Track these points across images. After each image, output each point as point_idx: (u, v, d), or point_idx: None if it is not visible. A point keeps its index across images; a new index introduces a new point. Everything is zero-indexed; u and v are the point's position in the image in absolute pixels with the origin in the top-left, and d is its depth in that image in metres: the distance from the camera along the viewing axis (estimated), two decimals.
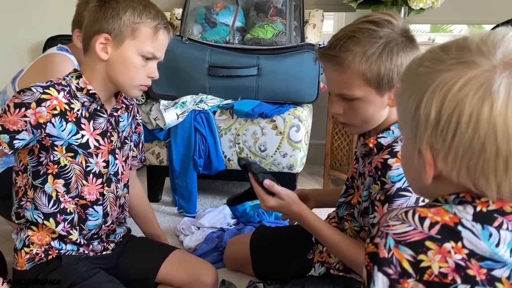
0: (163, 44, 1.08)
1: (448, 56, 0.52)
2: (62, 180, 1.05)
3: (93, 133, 1.07)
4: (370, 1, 2.04)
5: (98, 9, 1.03)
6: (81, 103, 1.04)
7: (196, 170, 1.82)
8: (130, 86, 1.06)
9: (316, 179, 2.34)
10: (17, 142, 0.97)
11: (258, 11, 2.13)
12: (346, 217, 1.09)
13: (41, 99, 0.97)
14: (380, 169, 0.91)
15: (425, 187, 0.58)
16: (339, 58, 0.90)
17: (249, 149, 1.80)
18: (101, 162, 1.09)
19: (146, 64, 1.05)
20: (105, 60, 1.03)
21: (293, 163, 1.81)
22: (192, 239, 1.61)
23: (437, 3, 2.00)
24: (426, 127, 0.53)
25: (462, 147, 0.50)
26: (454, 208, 0.53)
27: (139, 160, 1.30)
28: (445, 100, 0.50)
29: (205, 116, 1.78)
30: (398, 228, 0.52)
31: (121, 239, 1.22)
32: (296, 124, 1.77)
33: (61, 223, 1.06)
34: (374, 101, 0.92)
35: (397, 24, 0.90)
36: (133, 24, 1.02)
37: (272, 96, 1.81)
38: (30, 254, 1.06)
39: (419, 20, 2.36)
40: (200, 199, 2.03)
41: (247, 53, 1.81)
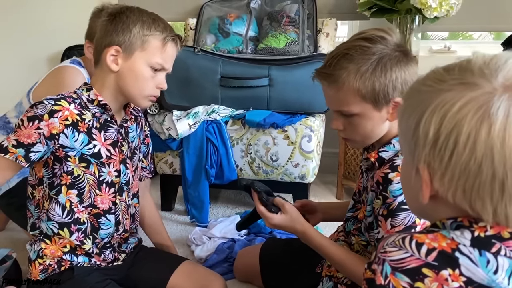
0: (171, 56, 1.11)
1: (450, 76, 0.52)
2: (76, 190, 1.07)
3: (104, 143, 1.09)
4: (384, 10, 2.03)
5: (109, 22, 1.06)
6: (92, 114, 1.07)
7: (208, 180, 1.83)
8: (140, 96, 1.09)
9: (329, 189, 2.32)
10: (33, 154, 0.99)
11: (271, 20, 2.13)
12: (353, 231, 1.08)
13: (53, 111, 1.00)
14: (381, 184, 0.91)
15: (423, 207, 0.58)
16: (334, 76, 0.91)
17: (261, 159, 1.80)
18: (113, 171, 1.12)
19: (155, 75, 1.09)
20: (115, 71, 1.06)
21: (305, 173, 1.80)
22: (203, 249, 1.61)
23: (452, 11, 1.97)
24: (424, 146, 0.53)
25: (458, 167, 0.50)
26: (451, 233, 0.52)
27: (149, 171, 1.32)
28: (444, 120, 0.50)
29: (217, 126, 1.79)
30: (395, 255, 0.52)
31: (132, 249, 1.24)
32: (308, 134, 1.76)
33: (75, 233, 1.09)
34: (372, 117, 0.92)
35: (390, 40, 0.91)
36: (143, 36, 1.05)
37: (283, 106, 1.81)
38: (43, 265, 1.09)
39: (436, 28, 2.33)
40: (212, 208, 2.04)
41: (259, 64, 1.82)
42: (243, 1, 2.27)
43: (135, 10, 1.07)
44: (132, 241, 1.24)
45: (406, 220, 0.88)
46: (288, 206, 1.04)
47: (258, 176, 1.84)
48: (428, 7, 1.86)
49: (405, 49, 0.92)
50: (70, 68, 1.50)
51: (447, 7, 1.89)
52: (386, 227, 0.90)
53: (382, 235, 0.91)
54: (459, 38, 3.75)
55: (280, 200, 1.06)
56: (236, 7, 2.26)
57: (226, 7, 2.27)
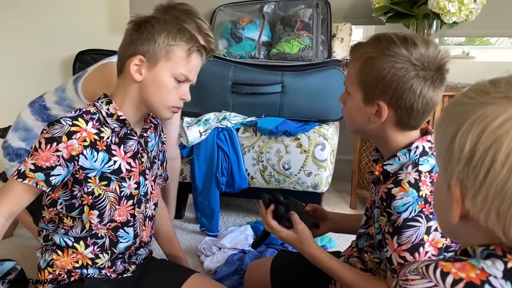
0: (195, 67, 1.08)
1: (495, 89, 0.49)
2: (97, 211, 1.04)
3: (125, 157, 1.06)
4: (400, 15, 1.97)
5: (134, 32, 1.04)
6: (111, 129, 1.04)
7: (219, 188, 1.80)
8: (163, 107, 1.06)
9: (343, 197, 2.27)
10: (54, 178, 0.95)
11: (284, 25, 2.10)
12: (366, 248, 1.03)
13: (71, 132, 0.96)
14: (384, 200, 0.87)
15: (453, 228, 0.54)
16: (354, 50, 0.93)
17: (273, 167, 1.76)
18: (132, 184, 1.09)
19: (179, 86, 1.06)
20: (139, 81, 1.03)
21: (318, 182, 1.75)
22: (212, 260, 1.57)
23: (471, 16, 1.91)
24: (458, 161, 0.49)
25: (494, 188, 0.46)
26: (481, 263, 0.48)
27: (163, 179, 1.29)
28: (482, 135, 0.47)
29: (228, 134, 1.75)
30: (418, 284, 0.48)
31: (142, 261, 1.21)
32: (321, 143, 1.72)
33: (90, 246, 1.06)
34: (358, 106, 0.92)
35: (420, 52, 0.84)
36: (168, 46, 1.02)
37: (296, 114, 1.76)
38: (53, 274, 1.07)
39: (454, 33, 2.27)
40: (223, 217, 2.01)
41: (271, 70, 1.78)
42: (256, 5, 2.24)
43: (160, 19, 1.05)
44: (143, 252, 1.21)
45: (413, 238, 0.84)
46: (301, 227, 1.02)
47: (270, 184, 1.79)
48: (446, 12, 1.80)
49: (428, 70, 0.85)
50: None
51: (466, 12, 1.83)
52: (393, 245, 0.86)
53: (390, 254, 0.87)
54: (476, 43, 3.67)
55: (296, 219, 1.03)
56: (249, 11, 2.23)
57: (238, 12, 2.24)
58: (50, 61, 2.81)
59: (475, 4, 1.89)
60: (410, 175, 0.86)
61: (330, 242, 1.74)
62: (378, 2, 2.02)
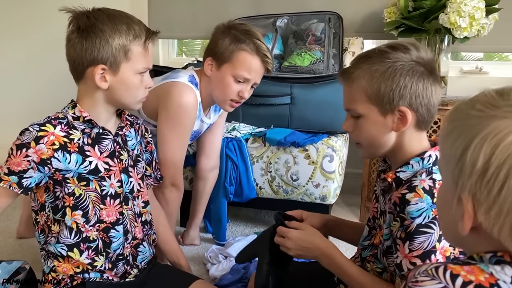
0: (152, 54, 1.11)
1: (505, 102, 0.49)
2: (80, 211, 1.07)
3: (101, 157, 1.09)
4: (412, 29, 1.99)
5: (83, 39, 1.02)
6: (81, 131, 1.06)
7: (227, 198, 1.81)
8: (134, 103, 1.11)
9: (352, 210, 2.26)
10: (25, 180, 1.00)
11: (296, 38, 2.13)
12: (369, 258, 1.03)
13: (38, 137, 1.00)
14: (398, 205, 0.87)
15: (460, 238, 0.54)
16: (348, 72, 0.93)
17: (281, 178, 1.78)
18: (115, 182, 1.11)
19: (142, 78, 1.09)
20: (105, 88, 1.05)
21: (326, 194, 1.76)
22: (218, 268, 1.59)
23: (483, 31, 1.91)
24: (470, 175, 0.49)
25: (508, 202, 0.47)
26: (490, 267, 0.48)
27: (154, 179, 1.30)
28: (496, 150, 0.47)
29: (237, 144, 1.78)
30: (427, 285, 0.49)
31: (146, 265, 1.22)
32: (329, 154, 1.73)
33: (85, 251, 1.08)
34: (376, 121, 0.91)
35: (414, 53, 0.89)
36: (124, 47, 1.03)
37: (305, 125, 1.78)
38: (56, 278, 1.09)
39: (467, 48, 2.26)
40: (231, 226, 2.02)
41: (281, 82, 1.81)
42: (270, 19, 2.28)
43: (104, 18, 1.03)
44: (145, 251, 1.20)
45: (425, 244, 0.84)
46: (306, 225, 1.03)
47: (278, 195, 1.81)
48: (457, 27, 1.81)
49: (428, 65, 0.89)
50: (187, 89, 1.46)
51: (477, 27, 1.83)
52: (404, 251, 0.86)
53: (401, 260, 0.86)
54: (494, 59, 3.63)
55: (295, 222, 1.04)
56: (263, 25, 2.27)
57: (252, 25, 2.28)
58: None
59: (487, 20, 1.89)
60: (425, 182, 0.86)
61: None
62: (389, 17, 2.04)
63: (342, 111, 1.84)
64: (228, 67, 1.46)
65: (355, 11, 2.28)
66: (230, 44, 1.44)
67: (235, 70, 1.45)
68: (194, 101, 1.47)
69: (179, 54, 3.06)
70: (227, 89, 1.47)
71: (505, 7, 1.93)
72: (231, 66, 1.45)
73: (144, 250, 1.21)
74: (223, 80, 1.46)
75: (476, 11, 1.79)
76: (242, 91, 1.48)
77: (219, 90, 1.49)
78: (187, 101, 1.45)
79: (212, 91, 1.51)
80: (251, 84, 1.49)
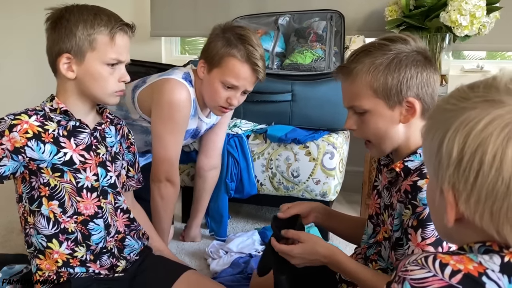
0: (124, 47, 1.08)
1: (475, 94, 0.51)
2: (56, 201, 1.07)
3: (76, 149, 1.08)
4: (413, 28, 2.00)
5: (52, 31, 1.04)
6: (56, 122, 1.06)
7: (228, 194, 1.83)
8: (105, 95, 1.09)
9: (354, 208, 2.27)
10: (0, 169, 1.02)
11: (298, 36, 2.13)
12: (373, 256, 1.03)
13: (12, 125, 1.01)
14: (410, 192, 0.87)
15: (448, 230, 0.55)
16: (349, 68, 0.92)
17: (282, 174, 1.79)
18: (91, 176, 1.10)
19: (114, 70, 1.07)
20: (72, 78, 1.05)
21: (326, 190, 1.77)
22: (219, 263, 1.60)
23: (484, 30, 1.92)
24: (448, 166, 0.51)
25: (485, 189, 0.48)
26: (479, 257, 0.49)
27: (137, 180, 1.29)
28: (467, 139, 0.49)
29: (239, 140, 1.79)
30: (417, 274, 0.49)
31: (137, 257, 1.20)
32: (330, 151, 1.74)
33: (64, 242, 1.07)
34: (384, 115, 0.91)
35: (413, 43, 0.90)
36: (88, 36, 1.02)
37: (306, 122, 1.79)
38: (43, 276, 1.08)
39: (469, 47, 2.27)
40: (232, 223, 2.03)
41: (282, 79, 1.82)
42: (272, 17, 2.29)
43: (74, 9, 1.04)
44: (135, 246, 1.19)
45: None
46: (304, 234, 1.00)
47: (279, 191, 1.82)
48: (458, 25, 1.82)
49: (426, 53, 0.91)
50: (179, 85, 1.45)
51: (478, 25, 1.84)
52: (417, 240, 0.85)
53: (413, 250, 0.85)
54: (497, 58, 3.63)
55: (293, 233, 1.01)
56: (265, 23, 2.28)
57: (254, 23, 2.29)
58: None
59: (488, 18, 1.90)
60: None
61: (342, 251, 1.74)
62: (391, 15, 2.05)
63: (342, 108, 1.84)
64: (218, 72, 1.42)
65: (356, 9, 2.29)
66: (221, 48, 1.40)
67: (224, 76, 1.41)
68: (186, 98, 1.45)
69: (181, 52, 3.07)
70: (215, 95, 1.44)
71: (506, 6, 1.94)
72: (220, 72, 1.42)
73: (130, 243, 1.19)
74: (212, 85, 1.44)
75: (477, 10, 1.80)
76: (231, 98, 1.44)
77: (208, 94, 1.48)
78: (178, 97, 1.43)
79: (203, 94, 1.50)
80: (240, 91, 1.45)
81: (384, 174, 1.02)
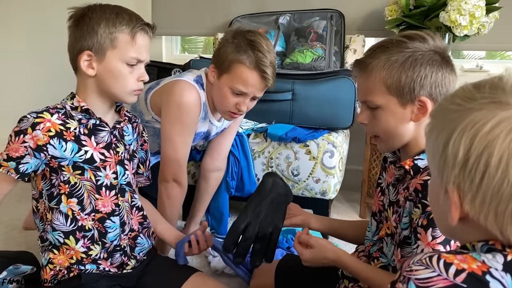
0: (144, 46, 1.10)
1: (481, 94, 0.51)
2: (75, 199, 1.08)
3: (97, 147, 1.10)
4: (413, 27, 2.00)
5: (75, 28, 1.06)
6: (77, 121, 1.08)
7: (228, 192, 1.84)
8: (124, 93, 1.10)
9: (353, 206, 2.28)
10: (22, 166, 1.03)
11: (298, 36, 2.15)
12: (375, 254, 1.04)
13: (35, 123, 1.02)
14: (420, 191, 0.87)
15: (452, 229, 0.56)
16: (365, 63, 0.92)
17: (282, 173, 1.80)
18: (110, 174, 1.12)
19: (133, 69, 1.09)
20: (93, 76, 1.07)
21: (326, 189, 1.78)
22: (219, 260, 1.61)
23: (484, 30, 1.93)
24: (453, 166, 0.51)
25: (491, 190, 0.49)
26: (482, 256, 0.50)
27: (146, 178, 1.31)
28: (474, 140, 0.49)
29: (239, 139, 1.80)
30: (421, 273, 0.50)
31: (145, 256, 1.23)
32: (330, 150, 1.75)
33: (80, 240, 1.09)
34: (395, 112, 0.91)
35: (431, 42, 0.89)
36: (110, 34, 1.04)
37: (306, 121, 1.80)
38: (54, 270, 1.10)
39: (468, 46, 2.28)
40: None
41: (282, 78, 1.82)
42: (272, 17, 2.30)
43: (97, 8, 1.06)
44: (145, 244, 1.22)
45: None
46: (314, 240, 1.03)
47: None
48: (458, 25, 1.83)
49: (444, 53, 0.90)
50: (189, 87, 1.46)
51: (477, 25, 1.85)
52: (427, 239, 0.85)
53: (422, 249, 0.85)
54: (497, 57, 3.64)
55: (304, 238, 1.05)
56: (265, 22, 2.30)
57: (254, 23, 2.31)
58: None
59: (487, 18, 1.91)
60: None
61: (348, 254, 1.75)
62: (391, 15, 2.06)
63: (342, 108, 1.85)
64: (227, 78, 1.42)
65: (356, 9, 2.30)
66: (230, 54, 1.39)
67: (232, 83, 1.41)
68: (196, 100, 1.46)
69: (182, 51, 3.08)
70: (224, 100, 1.44)
71: (505, 6, 1.95)
72: (229, 78, 1.41)
73: (142, 242, 1.21)
74: (221, 91, 1.44)
75: (476, 10, 1.81)
76: (239, 104, 1.44)
77: (217, 99, 1.48)
78: (187, 100, 1.44)
79: (213, 98, 1.50)
80: (249, 98, 1.45)
81: (390, 171, 1.02)
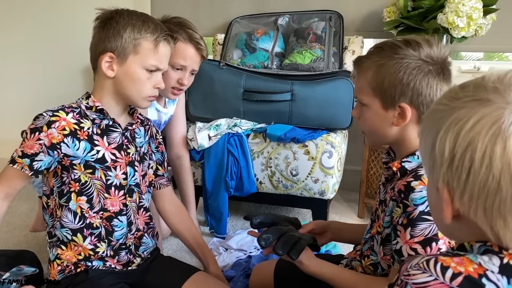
0: (165, 56, 1.14)
1: (464, 93, 0.52)
2: (85, 197, 1.11)
3: (109, 147, 1.12)
4: (411, 29, 2.02)
5: (100, 29, 1.10)
6: (91, 120, 1.10)
7: (228, 192, 1.85)
8: (139, 98, 1.13)
9: (351, 206, 2.30)
10: (36, 163, 1.05)
11: (297, 37, 2.16)
12: (366, 252, 1.05)
13: (51, 121, 1.05)
14: (403, 192, 0.89)
15: (448, 227, 0.57)
16: (360, 61, 0.96)
17: (281, 173, 1.81)
18: (120, 174, 1.14)
19: (151, 76, 1.12)
20: (112, 77, 1.09)
21: (324, 189, 1.80)
22: (219, 260, 1.62)
23: (481, 31, 1.94)
24: (441, 164, 0.52)
25: (477, 185, 0.49)
26: (479, 258, 0.50)
27: (166, 178, 1.33)
28: (458, 138, 0.50)
29: (239, 139, 1.81)
30: (419, 278, 0.50)
31: (149, 255, 1.26)
32: (328, 150, 1.76)
33: (88, 237, 1.12)
34: (379, 113, 0.94)
35: (426, 50, 0.89)
36: (134, 40, 1.08)
37: (305, 122, 1.82)
38: (61, 266, 1.13)
39: (466, 48, 2.30)
40: (232, 220, 2.06)
41: (282, 79, 1.84)
42: (271, 18, 2.31)
43: (124, 13, 1.09)
44: (149, 244, 1.25)
45: (426, 231, 0.85)
46: None
47: (278, 190, 1.84)
48: (455, 26, 1.84)
49: (437, 64, 0.90)
50: None
51: (475, 27, 1.86)
52: (406, 237, 0.87)
53: (401, 246, 0.88)
54: (494, 58, 3.66)
55: None
56: (264, 23, 2.31)
57: (254, 24, 2.32)
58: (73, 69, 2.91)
59: (485, 20, 1.93)
60: None
61: (335, 248, 1.77)
62: (389, 16, 2.07)
63: (341, 108, 1.87)
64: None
65: (355, 10, 2.31)
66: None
67: (172, 59, 1.44)
68: None
69: None
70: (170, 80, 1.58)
71: (503, 8, 1.96)
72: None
73: (147, 241, 1.24)
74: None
75: (473, 11, 1.83)
76: (182, 78, 1.59)
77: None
78: None
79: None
80: (189, 71, 1.60)
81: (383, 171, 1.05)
